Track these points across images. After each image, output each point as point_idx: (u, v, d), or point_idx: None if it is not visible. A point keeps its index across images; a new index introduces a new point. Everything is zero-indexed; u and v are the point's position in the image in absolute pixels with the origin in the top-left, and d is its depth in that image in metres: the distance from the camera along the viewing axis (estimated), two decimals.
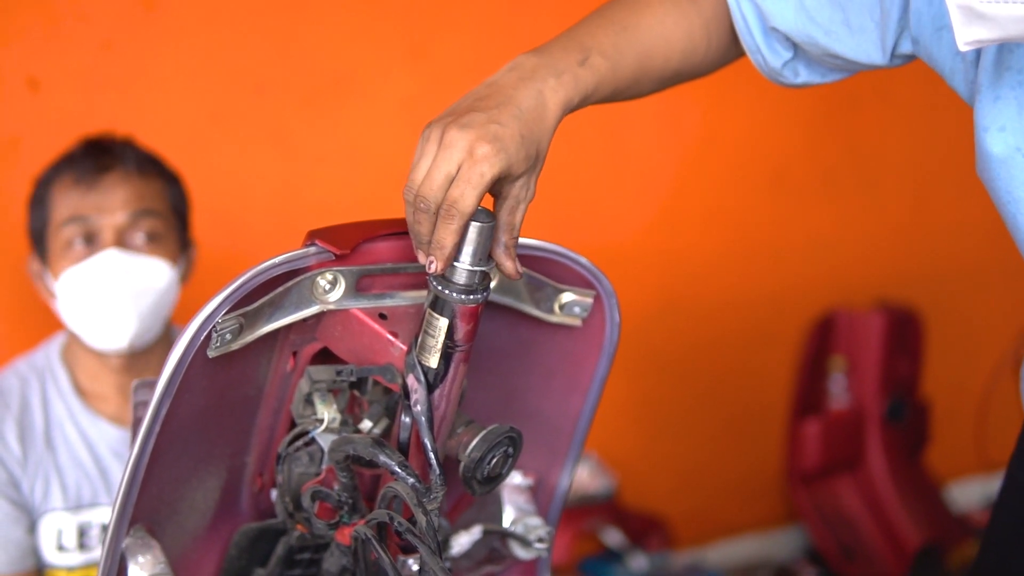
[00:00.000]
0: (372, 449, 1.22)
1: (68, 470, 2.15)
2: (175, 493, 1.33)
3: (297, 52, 2.88)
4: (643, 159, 3.51)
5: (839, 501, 3.79)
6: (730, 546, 3.79)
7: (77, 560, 2.13)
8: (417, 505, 1.18)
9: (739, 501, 3.85)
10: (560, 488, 1.54)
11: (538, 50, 1.32)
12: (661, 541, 3.45)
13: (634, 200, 3.50)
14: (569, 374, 1.47)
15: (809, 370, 3.82)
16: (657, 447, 3.63)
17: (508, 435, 1.27)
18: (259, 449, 1.39)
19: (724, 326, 3.72)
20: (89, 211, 2.13)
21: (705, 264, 3.65)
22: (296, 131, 2.91)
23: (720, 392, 3.76)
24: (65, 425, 2.17)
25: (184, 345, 1.17)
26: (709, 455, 3.76)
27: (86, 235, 2.13)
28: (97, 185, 2.14)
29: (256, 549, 1.43)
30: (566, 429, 1.50)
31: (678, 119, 3.52)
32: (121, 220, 2.14)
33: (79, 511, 2.14)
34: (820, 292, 3.86)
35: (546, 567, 1.54)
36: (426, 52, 3.04)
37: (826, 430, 3.77)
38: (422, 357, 1.23)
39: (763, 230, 3.75)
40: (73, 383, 2.20)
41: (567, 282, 1.38)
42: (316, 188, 2.94)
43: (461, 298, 1.19)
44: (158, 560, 1.29)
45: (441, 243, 1.18)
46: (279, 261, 1.21)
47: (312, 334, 1.30)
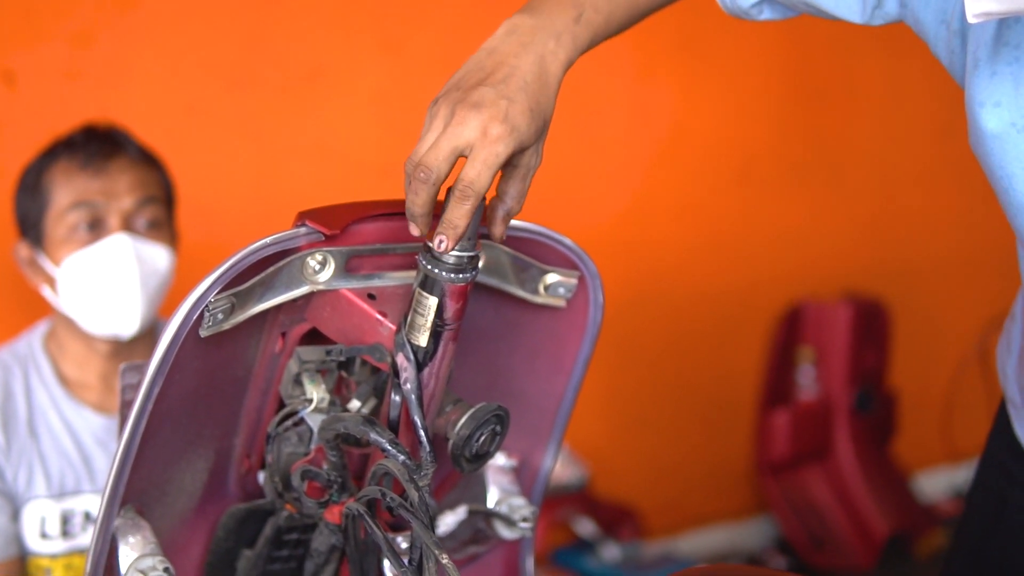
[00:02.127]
0: (363, 427, 1.24)
1: (51, 458, 2.16)
2: (164, 475, 1.34)
3: (271, 46, 2.90)
4: (613, 152, 3.53)
5: (808, 491, 3.83)
6: (700, 536, 3.82)
7: (60, 547, 2.14)
8: (409, 481, 1.20)
9: (709, 491, 3.88)
10: (543, 469, 1.55)
11: (532, 8, 1.31)
12: (633, 531, 3.48)
13: (604, 193, 3.53)
14: (553, 355, 1.48)
15: (778, 361, 3.86)
16: (628, 438, 3.66)
17: (496, 413, 1.29)
18: (247, 430, 1.40)
19: (694, 318, 3.75)
20: (96, 196, 2.13)
21: (674, 257, 3.68)
22: (270, 124, 2.92)
23: (690, 383, 3.79)
24: (48, 413, 2.18)
25: (177, 324, 1.18)
26: (679, 446, 3.79)
27: (92, 220, 2.13)
28: (104, 171, 2.15)
29: (243, 530, 1.44)
30: (549, 410, 1.51)
31: (648, 112, 3.55)
32: (128, 205, 2.15)
33: (62, 499, 2.15)
34: (788, 284, 3.90)
35: (530, 546, 1.56)
36: (398, 46, 3.06)
37: (795, 421, 3.81)
38: (411, 336, 1.25)
39: (732, 223, 3.78)
40: (56, 372, 2.21)
41: (552, 263, 1.40)
42: (290, 180, 2.95)
43: (451, 277, 1.21)
44: (148, 540, 1.29)
45: (454, 223, 1.19)
46: (270, 241, 1.22)
47: (301, 315, 1.32)
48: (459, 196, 1.18)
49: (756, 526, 3.96)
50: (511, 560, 1.58)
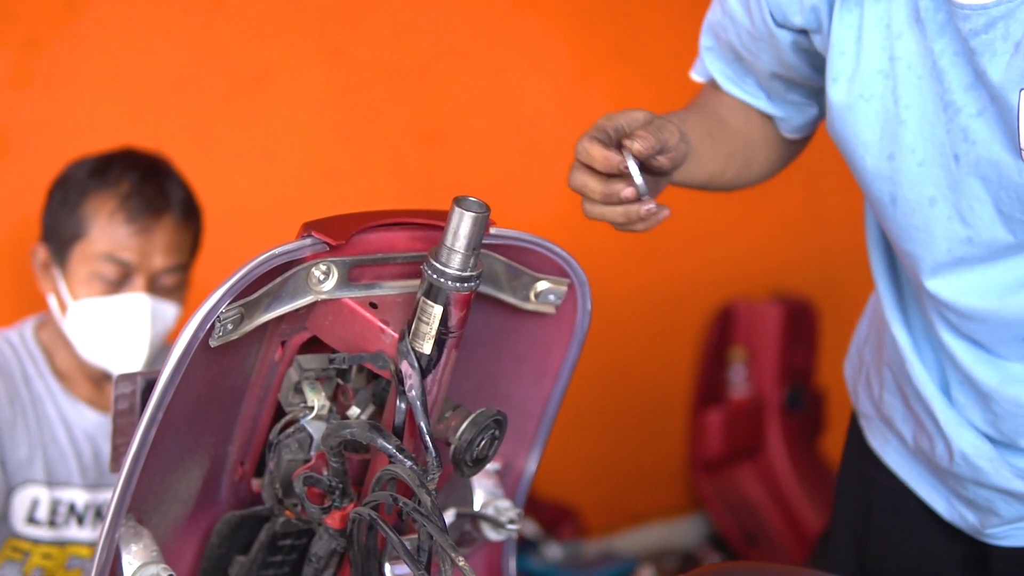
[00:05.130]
0: (370, 434, 1.26)
1: (49, 446, 2.16)
2: (162, 483, 1.35)
3: (217, 51, 2.90)
4: (549, 155, 3.56)
5: (741, 488, 3.89)
6: (637, 534, 3.87)
7: (46, 535, 2.15)
8: (420, 486, 1.22)
9: (645, 489, 3.93)
10: (527, 472, 1.59)
11: None
12: (573, 530, 3.52)
13: (539, 196, 3.56)
14: (539, 360, 1.51)
15: (710, 361, 3.91)
16: (565, 437, 3.68)
17: (495, 418, 1.32)
18: (242, 438, 1.41)
19: (627, 319, 3.79)
20: (132, 255, 2.14)
21: (607, 259, 3.71)
22: (215, 129, 2.92)
23: (625, 383, 3.83)
24: (46, 403, 2.18)
25: (190, 335, 1.20)
26: (615, 445, 3.84)
27: (121, 275, 2.14)
28: (148, 231, 2.15)
29: (236, 537, 1.46)
30: (534, 414, 1.55)
31: (584, 115, 3.57)
32: (158, 266, 2.16)
33: (54, 488, 2.15)
34: (720, 285, 3.96)
35: (513, 547, 1.59)
36: (342, 52, 3.08)
37: (728, 419, 3.86)
38: (415, 344, 1.27)
39: (664, 225, 3.82)
40: (50, 364, 2.21)
41: (542, 271, 1.43)
42: (235, 186, 2.96)
43: (456, 286, 1.24)
44: (150, 548, 1.31)
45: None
46: (278, 252, 1.24)
47: (302, 324, 1.34)
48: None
49: (691, 523, 4.02)
50: (493, 561, 1.61)
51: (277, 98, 2.99)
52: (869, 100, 1.46)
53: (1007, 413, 1.54)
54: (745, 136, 1.69)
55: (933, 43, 1.40)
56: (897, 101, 1.44)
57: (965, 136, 1.40)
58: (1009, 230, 1.42)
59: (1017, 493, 1.57)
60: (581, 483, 3.72)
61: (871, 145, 1.48)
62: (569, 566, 3.41)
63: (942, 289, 1.50)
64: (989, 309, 1.48)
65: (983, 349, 1.54)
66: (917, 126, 1.43)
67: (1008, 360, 1.53)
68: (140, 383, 1.41)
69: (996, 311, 1.48)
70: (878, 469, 1.76)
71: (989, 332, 1.51)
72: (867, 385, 1.77)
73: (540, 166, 3.54)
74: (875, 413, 1.76)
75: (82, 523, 2.19)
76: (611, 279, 3.71)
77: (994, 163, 1.38)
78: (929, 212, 1.46)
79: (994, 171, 1.38)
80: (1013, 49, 1.32)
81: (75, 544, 2.19)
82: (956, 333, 1.55)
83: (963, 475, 1.60)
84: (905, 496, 1.73)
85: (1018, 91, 1.33)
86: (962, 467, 1.59)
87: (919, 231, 1.48)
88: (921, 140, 1.44)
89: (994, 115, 1.36)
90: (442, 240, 1.24)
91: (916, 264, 1.52)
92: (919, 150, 1.44)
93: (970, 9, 1.34)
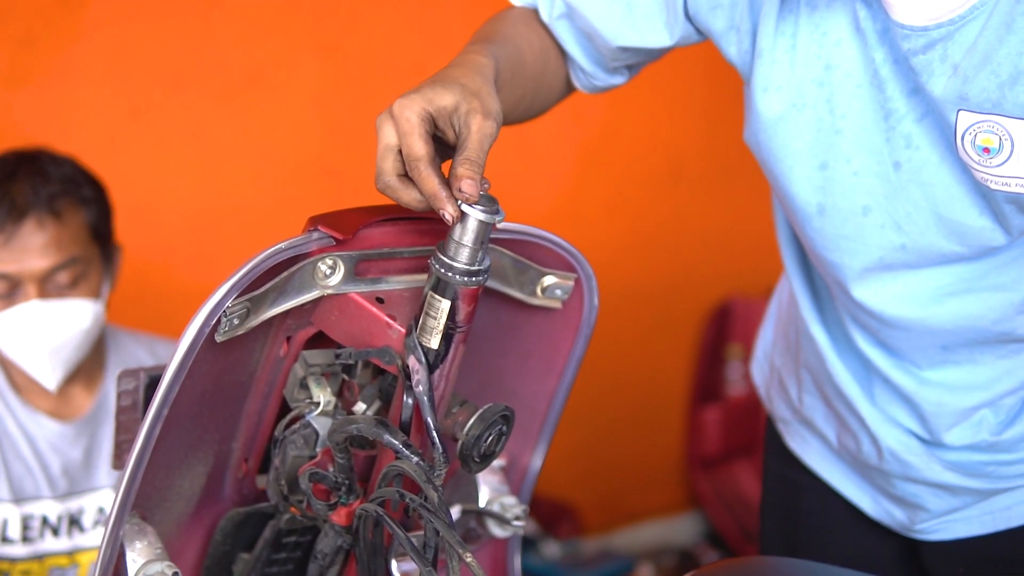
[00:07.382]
0: (376, 429, 1.25)
1: (11, 463, 2.13)
2: (166, 480, 1.34)
3: (212, 49, 2.89)
4: (544, 153, 3.56)
5: (739, 486, 3.88)
6: (635, 532, 3.87)
7: (22, 552, 2.12)
8: (427, 482, 1.21)
9: (643, 488, 3.92)
10: (532, 469, 1.58)
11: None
12: (571, 528, 3.51)
13: (535, 193, 3.56)
14: (545, 356, 1.50)
15: (708, 358, 3.91)
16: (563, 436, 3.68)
17: (503, 414, 1.31)
18: (246, 434, 1.40)
19: (625, 316, 3.79)
20: (8, 267, 2.06)
21: (605, 256, 3.71)
22: (211, 127, 2.92)
23: (622, 381, 3.83)
24: (5, 419, 2.15)
25: (195, 330, 1.19)
26: (613, 443, 3.83)
27: (8, 289, 2.07)
28: (14, 237, 2.06)
29: (240, 534, 1.45)
30: (540, 410, 1.54)
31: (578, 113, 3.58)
32: (41, 268, 2.07)
33: (22, 504, 2.13)
34: (717, 282, 3.96)
35: (517, 544, 1.58)
36: (337, 49, 3.07)
37: (725, 417, 3.86)
38: (423, 338, 1.26)
39: (662, 222, 3.83)
40: (8, 379, 2.18)
41: (549, 266, 1.42)
42: (230, 182, 2.96)
43: (464, 280, 1.23)
44: (154, 546, 1.30)
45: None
46: (284, 247, 1.23)
47: (308, 319, 1.32)
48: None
49: (688, 521, 4.02)
50: (498, 558, 1.60)
51: (273, 95, 2.98)
52: (801, 109, 1.44)
53: (930, 413, 1.55)
54: (538, 80, 1.57)
55: (874, 52, 1.39)
56: (833, 110, 1.43)
57: (908, 142, 1.39)
58: (946, 236, 1.41)
59: (948, 486, 1.57)
60: (579, 481, 3.72)
61: (801, 155, 1.46)
62: (567, 564, 3.41)
63: (868, 297, 1.50)
64: (915, 318, 1.48)
65: (898, 356, 1.55)
66: (854, 135, 1.42)
67: (921, 368, 1.54)
68: (143, 379, 1.40)
69: (922, 320, 1.48)
70: (800, 471, 1.77)
71: (909, 340, 1.51)
72: (781, 389, 1.77)
73: (534, 163, 3.53)
74: (792, 416, 1.76)
75: (57, 534, 2.16)
76: (608, 276, 3.68)
77: (937, 166, 1.38)
78: (862, 221, 1.45)
79: (936, 175, 1.38)
80: (951, 71, 1.32)
81: (53, 556, 2.16)
82: (873, 340, 1.55)
83: (892, 472, 1.60)
84: (830, 496, 1.73)
85: (956, 112, 1.32)
86: (891, 464, 1.59)
87: (849, 240, 1.47)
88: (857, 149, 1.42)
89: (935, 120, 1.36)
90: (450, 234, 1.22)
91: (839, 272, 1.51)
92: (855, 159, 1.43)
93: (909, 29, 1.34)
